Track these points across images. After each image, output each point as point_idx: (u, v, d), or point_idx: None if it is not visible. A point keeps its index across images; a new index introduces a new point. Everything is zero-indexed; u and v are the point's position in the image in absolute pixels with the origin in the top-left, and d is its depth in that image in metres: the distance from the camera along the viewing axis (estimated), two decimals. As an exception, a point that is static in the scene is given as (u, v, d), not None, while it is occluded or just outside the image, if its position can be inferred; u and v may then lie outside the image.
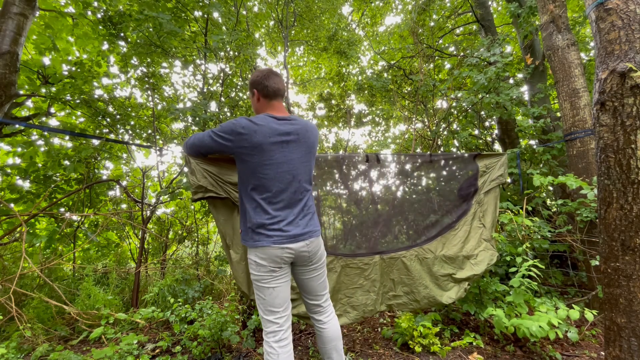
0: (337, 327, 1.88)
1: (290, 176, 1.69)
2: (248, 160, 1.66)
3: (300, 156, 1.73)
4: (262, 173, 1.65)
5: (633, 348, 1.58)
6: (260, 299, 1.70)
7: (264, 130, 1.63)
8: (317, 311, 1.88)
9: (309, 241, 1.72)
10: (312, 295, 1.86)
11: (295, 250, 1.68)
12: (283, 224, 1.66)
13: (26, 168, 4.18)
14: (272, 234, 1.64)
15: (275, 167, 1.65)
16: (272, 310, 1.68)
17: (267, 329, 1.68)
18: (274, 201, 1.67)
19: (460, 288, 2.61)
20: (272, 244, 1.63)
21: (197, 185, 2.23)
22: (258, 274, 1.67)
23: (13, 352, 2.61)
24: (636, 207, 1.56)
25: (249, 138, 1.62)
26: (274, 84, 1.75)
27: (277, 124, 1.68)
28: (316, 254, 1.77)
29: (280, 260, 1.66)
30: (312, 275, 1.81)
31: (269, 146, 1.64)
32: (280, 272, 1.69)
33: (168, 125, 5.52)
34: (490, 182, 2.92)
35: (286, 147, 1.68)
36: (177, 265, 4.63)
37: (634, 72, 1.51)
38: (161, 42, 4.10)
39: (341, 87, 7.44)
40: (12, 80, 3.17)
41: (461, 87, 5.60)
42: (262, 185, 1.66)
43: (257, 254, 1.66)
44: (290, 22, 6.71)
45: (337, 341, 1.84)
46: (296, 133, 1.72)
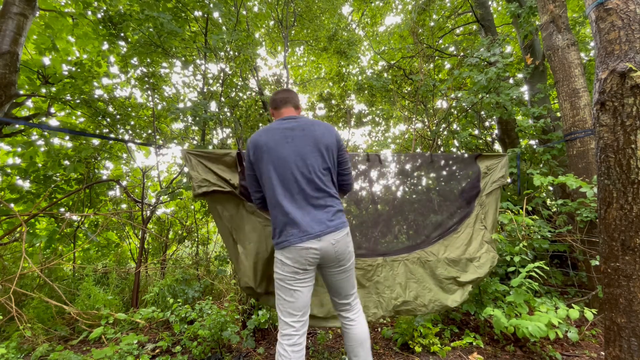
0: (365, 325, 1.85)
1: (300, 172, 1.68)
2: (262, 162, 1.73)
3: (309, 150, 1.71)
4: (273, 171, 1.69)
5: (633, 348, 1.58)
6: (281, 300, 1.70)
7: (269, 133, 1.74)
8: (345, 309, 1.85)
9: (334, 239, 1.67)
10: (342, 295, 1.83)
11: (319, 250, 1.65)
12: (303, 222, 1.64)
13: (26, 168, 4.18)
14: (293, 232, 1.64)
15: (283, 163, 1.68)
16: (291, 312, 1.67)
17: (283, 331, 1.67)
18: (290, 198, 1.67)
19: (464, 291, 2.59)
20: (295, 242, 1.62)
21: (202, 178, 2.23)
22: (282, 274, 1.68)
23: (13, 352, 2.61)
24: (636, 207, 1.56)
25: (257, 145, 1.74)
26: (279, 95, 1.89)
27: (281, 123, 1.78)
28: (344, 252, 1.72)
29: (305, 261, 1.64)
30: (341, 277, 1.78)
31: (274, 144, 1.70)
32: (305, 275, 1.68)
33: (168, 125, 5.52)
34: (492, 184, 2.92)
35: (291, 142, 1.71)
36: (177, 265, 4.63)
37: (634, 72, 1.51)
38: (161, 42, 4.10)
39: (341, 87, 7.44)
40: (12, 80, 3.17)
41: (461, 87, 5.60)
42: (276, 184, 1.69)
43: (284, 253, 1.66)
44: (290, 22, 6.71)
45: (364, 339, 1.80)
46: (301, 128, 1.75)
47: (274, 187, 1.69)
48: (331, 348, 2.80)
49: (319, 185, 1.70)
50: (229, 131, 5.22)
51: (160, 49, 4.17)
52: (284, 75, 6.24)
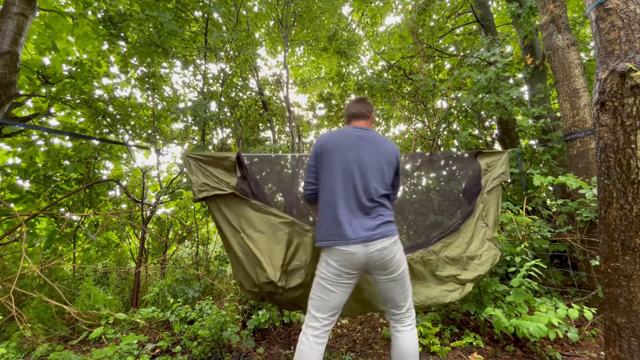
0: (415, 341, 1.78)
1: (361, 179, 1.76)
2: (328, 158, 1.81)
3: (373, 162, 1.80)
4: (337, 171, 1.77)
5: (633, 348, 1.58)
6: (316, 296, 1.74)
7: (342, 135, 1.87)
8: (394, 319, 1.84)
9: (381, 246, 1.68)
10: (390, 304, 1.82)
11: (363, 255, 1.66)
12: (351, 226, 1.68)
13: (26, 168, 4.18)
14: (340, 234, 1.68)
15: (347, 166, 1.77)
16: (322, 310, 1.72)
17: (310, 323, 1.72)
18: (346, 201, 1.73)
19: (464, 290, 2.58)
20: (339, 245, 1.67)
21: (201, 183, 2.23)
22: (325, 274, 1.72)
23: (13, 352, 2.61)
24: (636, 207, 1.56)
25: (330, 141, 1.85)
26: (356, 107, 2.01)
27: (354, 130, 1.90)
28: (390, 261, 1.71)
29: (349, 264, 1.67)
30: (390, 286, 1.77)
31: (344, 147, 1.81)
32: (347, 279, 1.71)
33: (168, 125, 5.52)
34: (493, 181, 2.92)
35: (359, 150, 1.81)
36: (177, 265, 4.63)
37: (634, 72, 1.51)
38: (161, 42, 4.11)
39: (341, 87, 7.44)
40: (12, 80, 3.17)
41: (461, 87, 5.59)
42: (336, 184, 1.76)
43: (329, 254, 1.71)
44: (290, 22, 6.71)
45: (411, 356, 1.74)
46: (370, 140, 1.86)
47: (333, 187, 1.76)
48: (331, 348, 2.80)
49: (372, 196, 1.75)
50: (229, 131, 5.22)
51: (160, 49, 4.17)
52: (284, 75, 6.24)
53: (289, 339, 2.99)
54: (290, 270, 2.27)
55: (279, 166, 2.79)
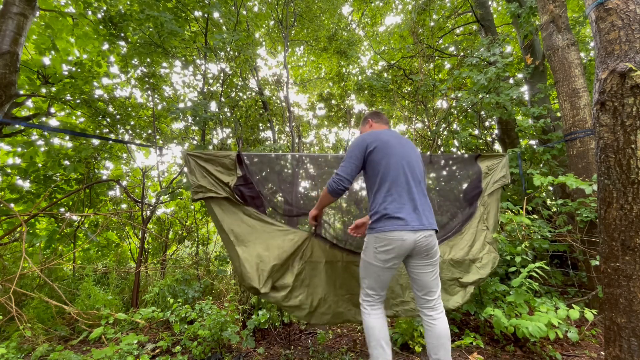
0: (447, 325, 1.95)
1: (417, 172, 1.99)
2: (382, 153, 1.96)
3: (415, 159, 2.02)
4: (396, 164, 1.94)
5: (633, 348, 1.58)
6: (369, 278, 1.97)
7: (387, 134, 2.04)
8: (427, 307, 1.96)
9: (428, 233, 1.87)
10: (425, 290, 1.96)
11: (413, 241, 1.83)
12: (402, 214, 1.84)
13: (26, 168, 4.18)
14: (395, 221, 1.83)
15: (404, 160, 1.96)
16: (375, 289, 1.96)
17: (364, 297, 2.00)
18: (405, 191, 1.90)
19: (466, 293, 2.58)
20: (393, 230, 1.82)
21: (197, 184, 2.25)
22: (375, 259, 1.89)
23: (13, 352, 2.61)
24: (636, 207, 1.56)
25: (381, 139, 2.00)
26: (378, 116, 2.28)
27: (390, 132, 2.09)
28: (432, 248, 1.91)
29: (398, 249, 1.84)
30: (427, 270, 1.94)
31: (393, 144, 1.99)
32: (394, 262, 1.89)
33: (168, 125, 5.52)
34: (494, 184, 2.92)
35: (404, 148, 2.01)
36: (177, 265, 4.63)
37: (634, 72, 1.51)
38: (162, 42, 4.10)
39: (341, 87, 7.44)
40: (12, 80, 3.17)
41: (461, 87, 5.59)
42: (395, 175, 1.92)
43: (381, 240, 1.86)
44: (290, 22, 6.71)
45: (445, 339, 1.90)
46: (406, 141, 2.07)
47: (394, 177, 1.91)
48: (331, 348, 2.80)
49: (423, 188, 2.01)
50: (229, 131, 5.22)
51: (160, 49, 4.17)
52: (284, 75, 6.24)
53: (289, 339, 2.99)
54: (279, 279, 2.29)
55: (279, 166, 2.79)
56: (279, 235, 2.37)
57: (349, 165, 1.96)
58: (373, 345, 1.91)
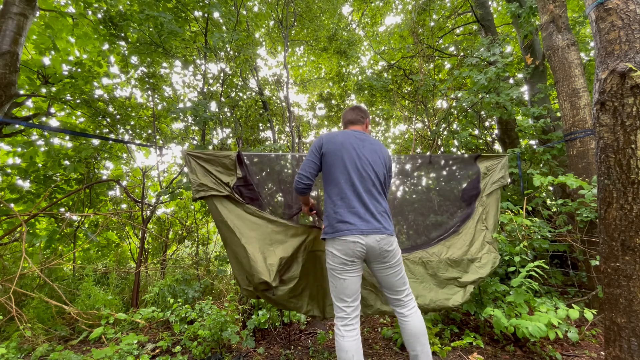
0: (420, 320, 1.96)
1: (373, 173, 1.96)
2: (336, 156, 1.95)
3: (377, 160, 1.99)
4: (348, 167, 1.93)
5: (633, 348, 1.58)
6: (333, 287, 1.92)
7: (344, 135, 2.02)
8: (398, 304, 1.99)
9: (379, 237, 1.85)
10: (392, 290, 1.98)
11: (366, 245, 1.83)
12: (352, 218, 1.85)
13: (26, 168, 4.18)
14: (347, 226, 1.84)
15: (358, 162, 1.94)
16: (342, 298, 1.87)
17: (337, 314, 1.90)
18: (357, 194, 1.90)
19: (466, 292, 2.57)
20: (346, 235, 1.82)
21: (199, 183, 2.26)
22: (332, 264, 1.89)
23: (13, 352, 2.61)
24: (636, 207, 1.56)
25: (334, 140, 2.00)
26: (352, 115, 2.21)
27: (354, 132, 2.07)
28: (388, 251, 1.89)
29: (352, 253, 1.83)
30: (388, 273, 1.94)
31: (350, 145, 1.97)
32: (352, 266, 1.87)
33: (168, 125, 5.52)
34: (492, 185, 2.92)
35: (365, 149, 1.99)
36: (177, 265, 4.63)
37: (634, 72, 1.51)
38: (162, 42, 4.10)
39: (341, 87, 7.44)
40: (12, 80, 3.17)
41: (461, 87, 5.60)
42: (347, 179, 1.92)
43: (334, 245, 1.87)
44: (290, 22, 6.70)
45: (420, 334, 1.92)
46: (369, 142, 2.04)
47: (341, 182, 1.91)
48: (331, 348, 2.80)
49: (380, 190, 1.97)
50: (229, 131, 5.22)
51: (160, 48, 4.17)
52: (284, 75, 6.24)
53: (289, 339, 2.99)
54: (285, 271, 2.30)
55: (278, 166, 2.79)
56: (281, 230, 2.38)
57: (306, 163, 1.99)
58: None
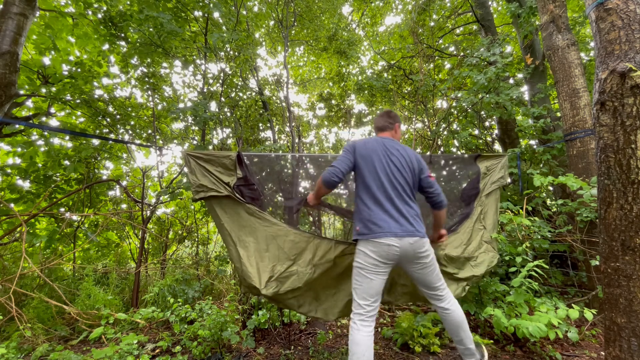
0: (460, 309, 2.06)
1: (403, 179, 2.03)
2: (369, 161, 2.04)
3: (404, 166, 2.06)
4: (380, 173, 2.01)
5: (633, 348, 1.58)
6: (358, 285, 1.96)
7: (375, 142, 2.11)
8: (436, 299, 2.06)
9: (413, 240, 1.92)
10: (429, 287, 2.06)
11: (400, 247, 1.89)
12: (386, 222, 1.91)
13: (26, 168, 4.18)
14: (380, 228, 1.90)
15: (388, 169, 2.03)
16: (365, 297, 1.93)
17: (355, 310, 1.95)
18: (388, 198, 1.97)
19: (458, 286, 2.59)
20: (379, 237, 1.88)
21: (198, 184, 2.25)
22: (363, 264, 1.93)
23: (13, 352, 2.61)
24: (636, 207, 1.56)
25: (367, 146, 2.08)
26: (382, 122, 2.28)
27: (383, 140, 2.15)
28: (422, 252, 1.97)
29: (386, 255, 1.89)
30: (424, 272, 2.02)
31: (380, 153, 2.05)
32: (384, 268, 1.93)
33: (168, 125, 5.52)
34: (492, 185, 2.91)
35: (393, 156, 2.06)
36: (177, 265, 4.63)
37: (634, 72, 1.51)
38: (161, 42, 4.10)
39: (341, 87, 7.44)
40: (12, 80, 3.17)
41: (461, 87, 5.60)
42: (379, 184, 1.99)
43: (367, 245, 1.92)
44: (290, 22, 6.70)
45: (462, 322, 2.03)
46: (396, 149, 2.10)
47: (373, 186, 1.98)
48: (331, 348, 2.80)
49: (410, 195, 2.05)
50: (229, 131, 5.22)
51: (160, 49, 4.17)
52: (284, 75, 6.24)
53: (289, 339, 2.99)
54: (283, 277, 2.27)
55: (279, 166, 2.79)
56: (280, 235, 2.36)
57: (342, 160, 2.04)
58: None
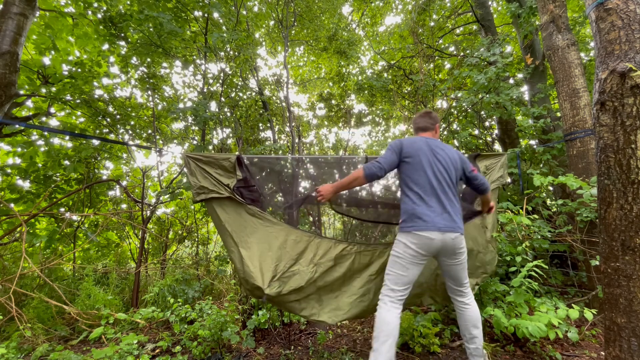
0: (477, 307, 2.17)
1: (447, 178, 2.11)
2: (416, 159, 2.11)
3: (449, 165, 2.14)
4: (428, 170, 2.09)
5: (633, 348, 1.58)
6: (394, 274, 2.05)
7: (421, 141, 2.18)
8: (459, 294, 2.18)
9: (454, 235, 2.01)
10: (457, 281, 2.16)
11: (442, 241, 1.98)
12: (431, 216, 1.99)
13: (26, 168, 4.18)
14: (423, 221, 1.98)
15: (435, 167, 2.10)
16: (398, 284, 2.03)
17: (386, 293, 2.05)
18: (434, 194, 2.05)
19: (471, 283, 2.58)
20: (422, 230, 1.97)
21: (199, 186, 2.25)
22: (403, 254, 2.02)
23: (13, 352, 2.61)
24: (636, 207, 1.56)
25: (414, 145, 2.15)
26: (422, 122, 2.36)
27: (427, 139, 2.22)
28: (460, 247, 2.07)
29: (427, 247, 1.99)
30: (457, 267, 2.12)
31: (426, 151, 2.12)
32: (422, 260, 2.04)
33: (168, 125, 5.52)
34: (491, 184, 2.91)
35: (438, 155, 2.14)
36: (177, 265, 4.63)
37: (634, 72, 1.51)
38: (161, 42, 4.10)
39: (341, 87, 7.44)
40: (12, 80, 3.17)
41: (461, 87, 5.60)
42: (427, 180, 2.07)
43: (408, 237, 2.01)
44: (290, 22, 6.71)
45: (478, 320, 2.14)
46: (440, 149, 2.17)
47: (423, 183, 2.06)
48: (331, 348, 2.80)
49: (454, 192, 2.14)
50: (229, 131, 5.22)
51: (160, 49, 4.17)
52: (284, 75, 6.24)
53: (289, 339, 2.99)
54: (286, 277, 2.27)
55: (278, 167, 2.79)
56: (281, 235, 2.36)
57: (387, 157, 2.11)
58: (382, 341, 1.93)
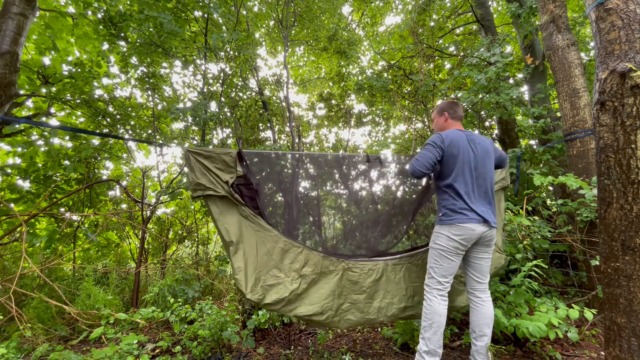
0: (492, 306, 2.21)
1: (485, 172, 2.18)
2: (456, 154, 2.14)
3: (485, 159, 2.20)
4: (467, 166, 2.14)
5: (633, 348, 1.58)
6: (439, 266, 2.15)
7: (460, 135, 2.19)
8: (479, 289, 2.22)
9: (489, 227, 2.12)
10: (481, 274, 2.22)
11: (480, 232, 2.08)
12: (472, 209, 2.07)
13: (26, 168, 4.18)
14: (466, 214, 2.07)
15: (474, 162, 2.15)
16: (444, 275, 2.13)
17: (434, 286, 2.15)
18: (475, 188, 2.14)
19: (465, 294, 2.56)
20: (464, 222, 2.05)
21: (196, 182, 2.24)
22: (446, 247, 2.11)
23: (13, 352, 2.61)
24: (636, 207, 1.56)
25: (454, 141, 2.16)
26: (459, 110, 2.38)
27: (463, 133, 2.23)
28: (493, 239, 2.19)
29: (469, 238, 2.08)
30: (485, 260, 2.21)
31: (465, 147, 2.15)
32: (463, 250, 2.13)
33: (168, 125, 5.52)
34: (495, 185, 2.89)
35: (476, 150, 2.18)
36: (177, 265, 4.63)
37: (634, 72, 1.51)
38: (161, 42, 4.10)
39: (341, 87, 7.44)
40: (12, 80, 3.17)
41: (461, 87, 5.59)
42: (468, 175, 2.13)
43: (451, 230, 2.09)
44: (290, 22, 6.70)
45: (490, 318, 2.17)
46: (477, 142, 2.21)
47: (462, 177, 2.12)
48: (331, 348, 2.80)
49: (491, 186, 2.21)
50: (229, 131, 5.22)
51: (160, 49, 4.17)
52: (284, 75, 6.24)
53: (289, 339, 2.99)
54: (269, 285, 2.25)
55: (279, 165, 2.79)
56: (269, 241, 2.33)
57: (429, 154, 2.12)
58: (434, 331, 2.05)
